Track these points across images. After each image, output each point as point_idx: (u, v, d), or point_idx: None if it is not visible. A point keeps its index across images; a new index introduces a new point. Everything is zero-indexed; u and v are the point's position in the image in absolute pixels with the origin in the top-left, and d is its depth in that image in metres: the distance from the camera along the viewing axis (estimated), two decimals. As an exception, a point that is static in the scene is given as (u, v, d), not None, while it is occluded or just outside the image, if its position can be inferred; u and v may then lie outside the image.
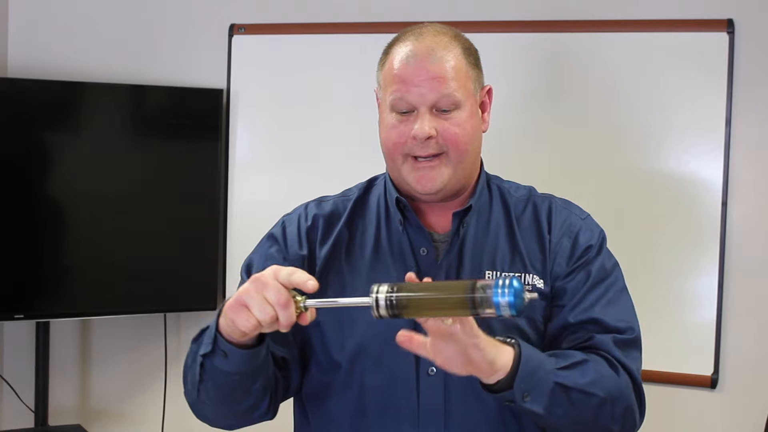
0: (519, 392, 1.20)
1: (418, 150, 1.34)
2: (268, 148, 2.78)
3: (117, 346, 2.93)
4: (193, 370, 1.31)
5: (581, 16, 2.48)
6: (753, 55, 2.36)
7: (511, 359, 1.20)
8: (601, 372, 1.31)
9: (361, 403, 1.36)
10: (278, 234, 1.45)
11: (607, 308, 1.37)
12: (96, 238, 2.68)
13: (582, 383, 1.27)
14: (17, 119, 2.64)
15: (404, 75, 1.34)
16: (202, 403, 1.34)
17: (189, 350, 1.35)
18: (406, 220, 1.41)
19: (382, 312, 1.10)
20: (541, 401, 1.22)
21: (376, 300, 1.10)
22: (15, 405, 2.83)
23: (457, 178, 1.37)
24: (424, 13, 2.49)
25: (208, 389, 1.30)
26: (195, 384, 1.31)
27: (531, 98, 2.50)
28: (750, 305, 2.39)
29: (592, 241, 1.42)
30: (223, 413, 1.35)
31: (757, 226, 2.38)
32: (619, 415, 1.31)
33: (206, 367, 1.26)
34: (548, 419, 1.25)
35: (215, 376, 1.27)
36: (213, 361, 1.25)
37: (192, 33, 2.84)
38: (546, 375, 1.23)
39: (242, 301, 1.15)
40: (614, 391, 1.30)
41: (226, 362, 1.23)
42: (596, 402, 1.28)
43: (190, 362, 1.33)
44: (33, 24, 2.93)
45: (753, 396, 2.38)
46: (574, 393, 1.26)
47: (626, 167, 2.45)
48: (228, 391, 1.29)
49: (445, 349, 1.15)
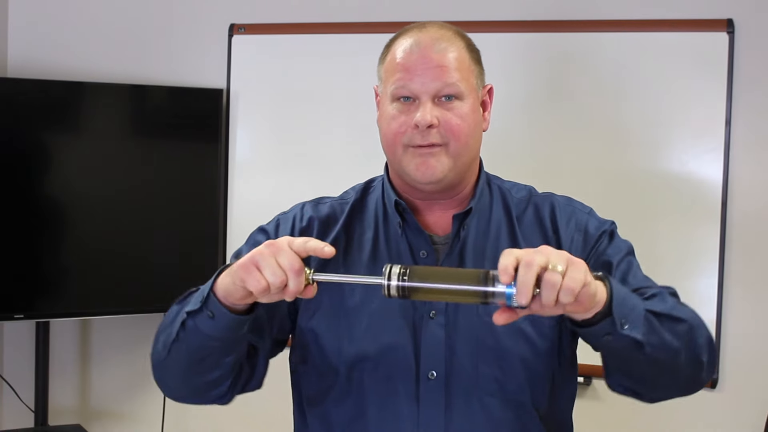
0: (618, 319, 1.15)
1: (418, 139, 1.33)
2: (268, 148, 2.78)
3: (117, 346, 2.93)
4: (169, 330, 1.29)
5: (581, 16, 2.48)
6: (753, 55, 2.36)
7: (605, 289, 1.15)
8: (676, 301, 1.29)
9: (360, 408, 1.36)
10: (270, 230, 1.45)
11: (637, 277, 1.36)
12: (96, 238, 2.68)
13: (666, 308, 1.24)
14: (17, 119, 2.64)
15: (407, 63, 1.33)
16: (167, 367, 1.32)
17: (169, 310, 1.33)
18: (405, 222, 1.40)
19: (393, 293, 1.11)
20: (639, 327, 1.17)
21: (387, 286, 1.11)
22: (15, 405, 2.83)
23: (457, 171, 1.36)
24: (424, 12, 2.49)
25: (181, 350, 1.28)
26: (167, 344, 1.29)
27: (531, 98, 2.50)
28: (750, 305, 2.39)
29: (604, 227, 1.41)
30: (186, 381, 1.34)
31: (757, 225, 2.38)
32: (705, 345, 1.27)
33: (187, 326, 1.25)
34: (647, 350, 1.19)
35: (193, 337, 1.25)
36: (196, 320, 1.23)
37: (192, 33, 2.84)
38: (637, 302, 1.20)
39: (255, 261, 1.13)
40: (694, 319, 1.27)
41: (210, 323, 1.22)
42: (684, 328, 1.24)
43: (168, 322, 1.31)
44: (33, 24, 2.93)
45: (753, 396, 2.38)
46: (663, 319, 1.22)
47: (626, 167, 2.45)
48: (200, 356, 1.28)
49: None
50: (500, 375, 1.34)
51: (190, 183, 2.74)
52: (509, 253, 1.07)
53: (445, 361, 1.34)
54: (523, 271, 1.05)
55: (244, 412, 2.73)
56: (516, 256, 1.06)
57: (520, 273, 1.05)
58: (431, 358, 1.34)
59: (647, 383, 1.30)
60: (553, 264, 1.06)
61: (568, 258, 1.08)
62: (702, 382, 1.31)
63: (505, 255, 1.07)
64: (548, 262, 1.06)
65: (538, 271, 1.05)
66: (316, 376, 1.40)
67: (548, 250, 1.08)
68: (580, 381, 2.46)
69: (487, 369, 1.34)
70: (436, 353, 1.34)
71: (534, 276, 1.04)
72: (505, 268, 1.05)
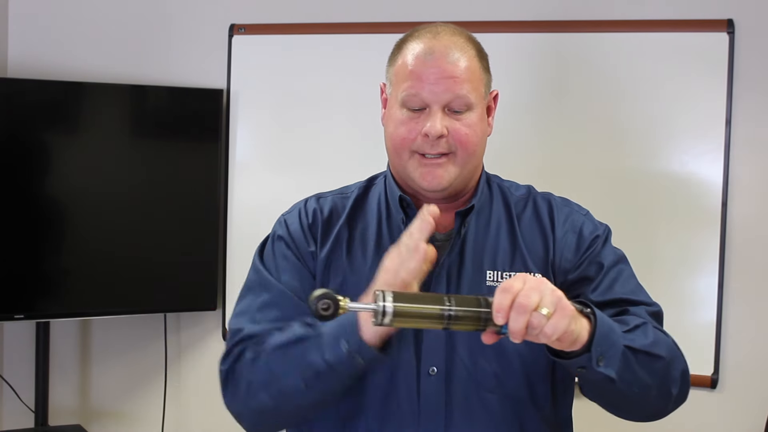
0: (595, 356, 1.18)
1: (427, 148, 1.33)
2: (268, 148, 2.78)
3: (117, 346, 2.92)
4: (288, 380, 1.27)
5: (581, 16, 2.48)
6: (753, 55, 2.36)
7: (588, 330, 1.18)
8: (658, 334, 1.31)
9: (361, 403, 1.36)
10: (284, 234, 1.44)
11: (627, 287, 1.38)
12: (96, 238, 2.68)
13: (646, 344, 1.26)
14: (17, 119, 2.64)
15: (419, 72, 1.33)
16: (279, 413, 1.32)
17: (267, 359, 1.29)
18: (408, 218, 1.40)
19: (386, 322, 1.12)
20: (614, 365, 1.20)
21: (383, 312, 1.11)
22: (15, 405, 2.83)
23: (462, 178, 1.37)
24: (426, 13, 2.49)
25: (307, 395, 1.27)
26: (286, 393, 1.27)
27: (531, 97, 2.50)
28: (750, 305, 2.39)
29: (597, 231, 1.42)
30: (294, 417, 1.36)
31: (757, 226, 2.38)
32: (678, 378, 1.31)
33: (322, 374, 1.24)
34: (618, 385, 1.22)
35: (332, 382, 1.25)
36: (338, 368, 1.23)
37: (192, 33, 2.84)
38: (618, 338, 1.22)
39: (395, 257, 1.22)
40: (672, 353, 1.30)
41: (358, 367, 1.24)
42: (661, 365, 1.27)
43: (279, 372, 1.28)
44: (33, 24, 2.93)
45: (753, 396, 2.38)
46: (640, 355, 1.24)
47: (625, 167, 2.45)
48: (330, 396, 1.30)
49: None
50: (499, 371, 1.35)
51: (190, 183, 2.74)
52: (506, 291, 1.11)
53: (446, 357, 1.34)
54: (514, 317, 1.10)
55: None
56: (513, 295, 1.11)
57: (512, 318, 1.10)
58: (432, 354, 1.34)
59: (616, 408, 1.35)
60: (542, 305, 1.10)
61: (558, 301, 1.12)
62: (667, 412, 1.36)
63: (501, 292, 1.11)
64: (539, 302, 1.10)
65: (527, 318, 1.10)
66: None
67: (544, 287, 1.13)
68: (580, 381, 2.46)
69: (486, 365, 1.34)
70: (437, 349, 1.35)
71: (525, 322, 1.10)
72: (500, 309, 1.11)
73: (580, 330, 1.16)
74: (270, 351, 1.30)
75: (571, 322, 1.13)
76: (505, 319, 1.10)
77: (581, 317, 1.18)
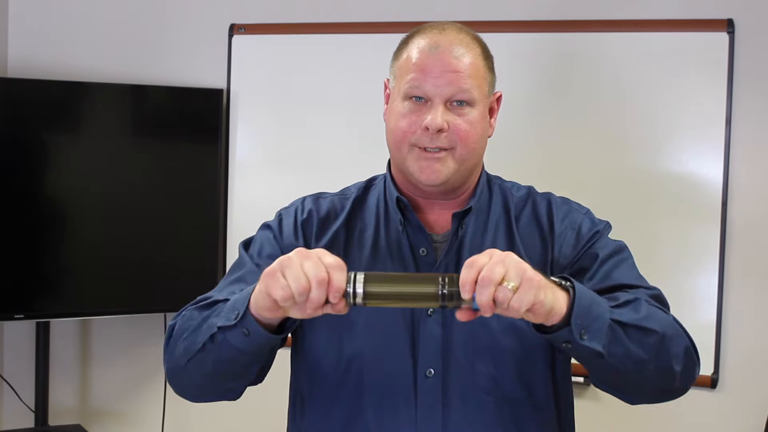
0: (576, 329, 1.17)
1: (426, 141, 1.33)
2: (268, 148, 2.78)
3: (117, 346, 2.93)
4: (192, 338, 1.28)
5: (581, 16, 2.48)
6: (753, 55, 2.36)
7: (566, 302, 1.17)
8: (653, 309, 1.29)
9: (358, 405, 1.36)
10: (274, 225, 1.45)
11: (626, 275, 1.36)
12: (96, 238, 2.69)
13: (636, 318, 1.24)
14: (17, 119, 2.64)
15: (424, 64, 1.33)
16: (188, 372, 1.32)
17: (183, 316, 1.32)
18: (406, 220, 1.40)
19: (358, 301, 1.13)
20: (599, 338, 1.18)
21: (353, 292, 1.13)
22: (15, 405, 2.83)
23: (460, 174, 1.37)
24: (426, 13, 2.49)
25: (206, 361, 1.28)
26: (190, 352, 1.28)
27: (531, 97, 2.50)
28: (750, 305, 2.39)
29: (597, 228, 1.42)
30: (207, 386, 1.34)
31: (757, 226, 2.38)
32: (680, 354, 1.28)
33: (217, 339, 1.24)
34: (609, 360, 1.21)
35: (224, 350, 1.24)
36: (228, 335, 1.23)
37: (192, 33, 2.84)
38: (602, 312, 1.20)
39: (281, 266, 1.13)
40: (670, 329, 1.28)
41: (244, 340, 1.22)
42: (654, 339, 1.24)
43: (190, 329, 1.30)
44: (33, 24, 2.93)
45: (753, 396, 2.38)
46: (630, 329, 1.22)
47: (626, 167, 2.45)
48: (228, 367, 1.28)
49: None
50: (496, 373, 1.34)
51: (190, 183, 2.74)
52: (471, 266, 1.11)
53: (443, 359, 1.34)
54: (479, 290, 1.10)
55: (245, 411, 2.74)
56: (477, 269, 1.11)
57: (478, 292, 1.10)
58: (429, 356, 1.34)
59: (617, 387, 1.32)
60: (508, 279, 1.10)
61: (524, 274, 1.11)
62: (676, 392, 1.33)
63: (467, 268, 1.12)
64: (504, 275, 1.10)
65: (493, 290, 1.10)
66: (314, 373, 1.40)
67: (509, 260, 1.12)
68: (581, 381, 2.45)
69: (483, 366, 1.34)
70: (434, 351, 1.34)
71: (490, 295, 1.10)
72: (465, 283, 1.11)
73: (554, 302, 1.14)
74: (196, 310, 1.32)
75: (539, 293, 1.11)
76: (471, 293, 1.10)
77: (559, 290, 1.17)
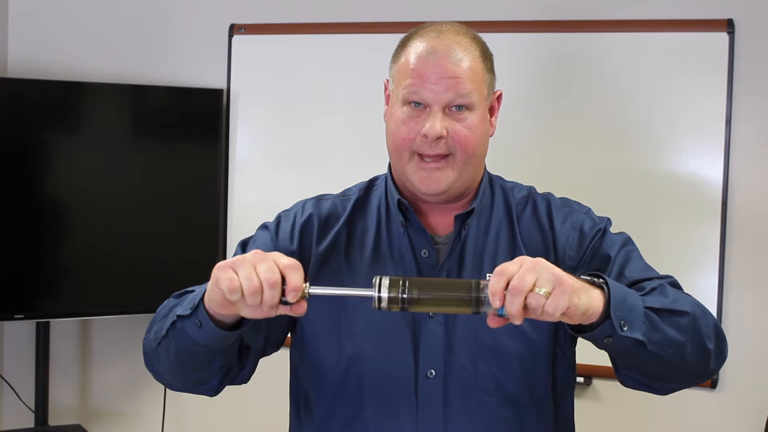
0: (617, 322, 1.16)
1: (426, 149, 1.33)
2: (268, 148, 2.78)
3: (117, 346, 2.93)
4: (161, 324, 1.30)
5: (581, 15, 2.48)
6: (753, 55, 2.36)
7: (602, 298, 1.16)
8: (677, 292, 1.29)
9: (359, 406, 1.36)
10: (271, 227, 1.45)
11: (636, 269, 1.36)
12: (96, 238, 2.68)
13: (666, 302, 1.24)
14: (17, 119, 2.64)
15: (421, 70, 1.32)
16: (158, 357, 1.33)
17: (166, 301, 1.34)
18: (408, 221, 1.40)
19: (383, 306, 1.12)
20: (639, 328, 1.18)
21: (378, 298, 1.11)
22: (15, 405, 2.83)
23: (462, 181, 1.36)
24: (426, 13, 2.49)
25: (170, 347, 1.28)
26: (158, 337, 1.30)
27: (532, 97, 2.50)
28: (750, 305, 2.39)
29: (598, 225, 1.42)
30: (174, 374, 1.35)
31: (757, 226, 2.38)
32: (711, 333, 1.28)
33: (176, 326, 1.25)
34: (650, 348, 1.20)
35: (181, 339, 1.25)
36: (185, 324, 1.23)
37: (192, 33, 2.84)
38: (635, 302, 1.20)
39: (233, 263, 1.13)
40: (697, 309, 1.28)
41: (198, 331, 1.22)
42: (687, 320, 1.24)
43: (163, 313, 1.31)
44: (33, 24, 2.93)
45: (753, 396, 2.38)
46: (664, 314, 1.22)
47: (626, 167, 2.45)
48: (187, 357, 1.28)
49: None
50: (498, 374, 1.34)
51: (190, 183, 2.74)
52: (501, 274, 1.10)
53: (444, 360, 1.34)
54: (509, 300, 1.09)
55: (245, 411, 2.74)
56: (507, 277, 1.10)
57: (508, 301, 1.09)
58: (430, 357, 1.34)
59: (657, 378, 1.31)
60: (539, 285, 1.09)
61: (557, 279, 1.10)
62: (711, 371, 1.32)
63: (496, 276, 1.10)
64: (535, 283, 1.09)
65: (522, 300, 1.09)
66: (315, 373, 1.40)
67: (540, 266, 1.11)
68: (580, 381, 2.46)
69: (485, 368, 1.34)
70: (435, 352, 1.34)
71: (521, 303, 1.09)
72: (495, 292, 1.09)
73: (590, 301, 1.14)
74: (174, 297, 1.33)
75: (573, 296, 1.10)
76: (501, 302, 1.09)
77: (592, 288, 1.16)
